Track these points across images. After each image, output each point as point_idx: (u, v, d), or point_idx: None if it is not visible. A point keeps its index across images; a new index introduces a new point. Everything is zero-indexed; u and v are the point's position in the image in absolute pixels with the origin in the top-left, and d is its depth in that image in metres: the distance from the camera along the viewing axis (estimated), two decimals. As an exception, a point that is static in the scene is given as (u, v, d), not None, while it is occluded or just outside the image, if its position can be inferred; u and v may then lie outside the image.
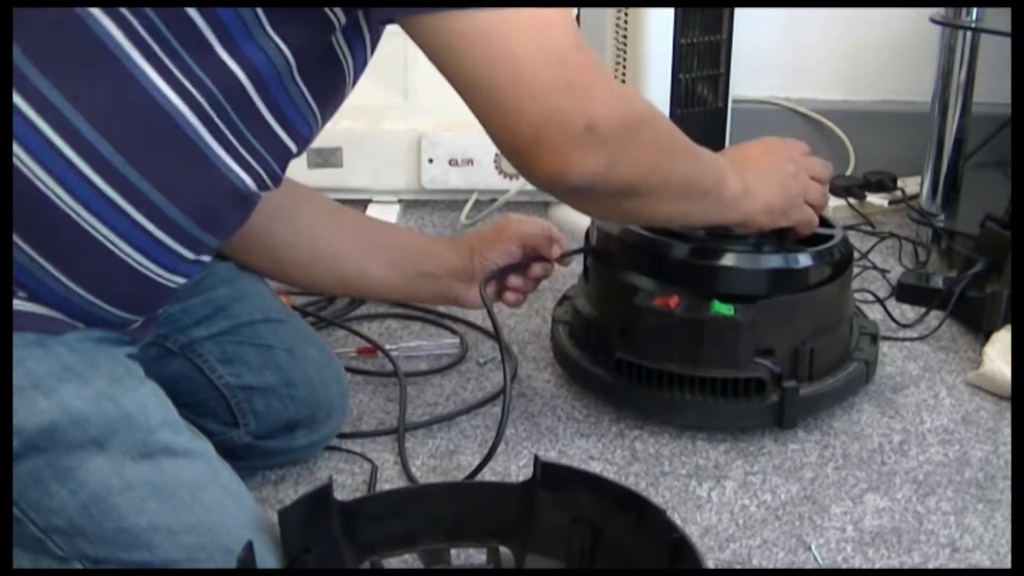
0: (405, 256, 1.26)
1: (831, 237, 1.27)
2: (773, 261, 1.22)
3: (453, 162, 1.78)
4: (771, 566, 1.06)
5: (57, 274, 0.86)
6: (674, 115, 1.68)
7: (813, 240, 1.25)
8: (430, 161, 1.78)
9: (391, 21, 0.88)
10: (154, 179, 0.86)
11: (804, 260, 1.23)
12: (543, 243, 1.29)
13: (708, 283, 1.21)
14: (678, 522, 0.86)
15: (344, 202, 1.80)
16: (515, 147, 0.89)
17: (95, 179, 0.84)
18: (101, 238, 0.86)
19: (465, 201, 1.79)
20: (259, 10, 0.84)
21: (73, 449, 0.85)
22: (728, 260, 1.21)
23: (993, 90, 1.74)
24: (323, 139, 1.78)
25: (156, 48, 0.83)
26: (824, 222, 1.32)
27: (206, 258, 0.96)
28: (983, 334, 1.41)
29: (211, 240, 0.94)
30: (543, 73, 0.85)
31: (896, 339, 1.45)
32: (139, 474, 0.86)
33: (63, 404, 0.85)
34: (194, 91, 0.85)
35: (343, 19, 0.88)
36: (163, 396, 0.94)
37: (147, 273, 0.91)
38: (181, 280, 0.95)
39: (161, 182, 0.87)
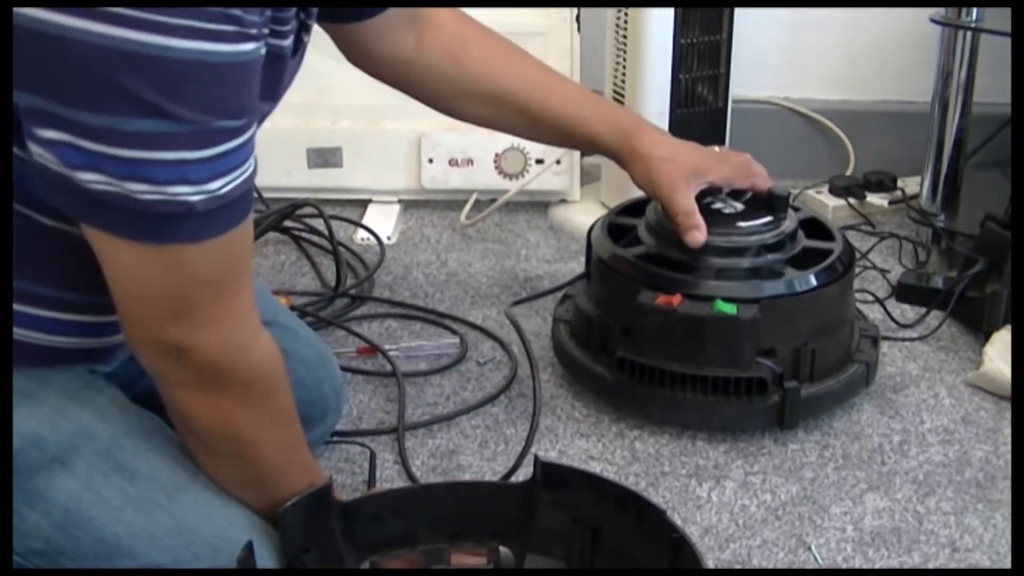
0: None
1: (830, 252, 1.27)
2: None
3: (453, 162, 1.78)
4: (771, 566, 1.06)
5: None
6: (674, 115, 1.68)
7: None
8: (430, 161, 1.78)
9: None
10: (54, 283, 0.85)
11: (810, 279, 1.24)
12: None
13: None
14: (678, 522, 0.86)
15: (344, 202, 1.81)
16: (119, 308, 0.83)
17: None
18: (40, 342, 0.87)
19: (465, 201, 1.79)
20: None
21: (36, 471, 0.85)
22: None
23: (993, 90, 1.74)
24: (323, 139, 1.80)
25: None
26: (823, 231, 1.32)
27: None
28: (983, 334, 1.41)
29: None
30: (154, 303, 0.80)
31: (896, 339, 1.45)
32: (109, 484, 0.86)
33: (17, 428, 0.84)
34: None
35: None
36: (126, 403, 0.93)
37: (87, 347, 0.91)
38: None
39: (59, 282, 0.86)
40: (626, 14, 1.66)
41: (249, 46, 0.74)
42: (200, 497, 0.89)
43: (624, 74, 1.69)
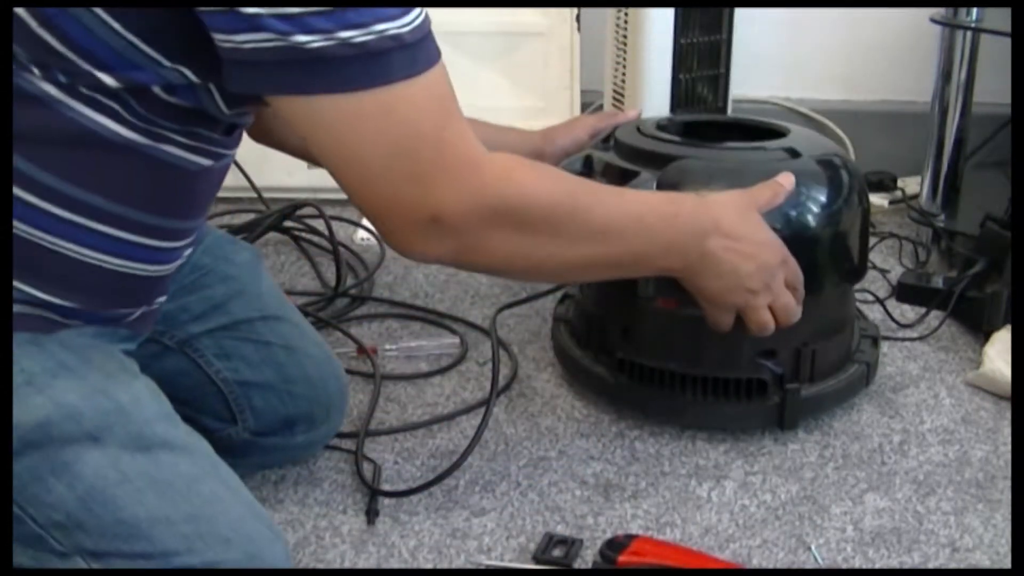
0: None
1: None
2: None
3: (453, 162, 1.78)
4: (771, 566, 1.06)
5: (38, 294, 0.88)
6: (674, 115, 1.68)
7: None
8: (430, 161, 1.78)
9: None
10: (103, 191, 0.87)
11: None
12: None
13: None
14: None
15: (344, 202, 1.80)
16: (369, 217, 0.92)
17: (47, 207, 0.85)
18: (71, 253, 0.88)
19: (465, 201, 1.79)
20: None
21: (68, 443, 0.85)
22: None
23: (993, 90, 1.74)
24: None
25: (62, 78, 0.83)
26: None
27: (188, 240, 0.98)
28: (983, 334, 1.41)
29: (188, 224, 0.96)
30: (385, 165, 0.86)
31: (896, 339, 1.45)
32: (136, 466, 0.87)
33: (56, 399, 0.85)
34: (107, 100, 0.84)
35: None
36: (157, 391, 0.94)
37: (128, 271, 0.92)
38: (167, 268, 0.97)
39: (110, 192, 0.87)
40: (626, 14, 1.66)
41: None
42: (217, 490, 0.90)
43: (624, 74, 1.69)
